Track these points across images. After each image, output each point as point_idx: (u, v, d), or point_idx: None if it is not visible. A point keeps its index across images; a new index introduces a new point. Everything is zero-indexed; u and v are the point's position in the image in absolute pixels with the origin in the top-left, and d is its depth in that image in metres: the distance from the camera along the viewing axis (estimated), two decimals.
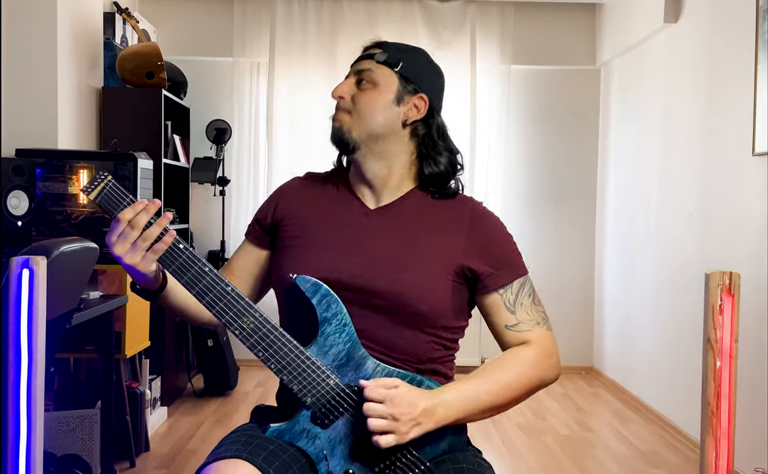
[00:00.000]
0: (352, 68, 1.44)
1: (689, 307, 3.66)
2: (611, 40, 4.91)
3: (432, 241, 1.38)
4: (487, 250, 1.39)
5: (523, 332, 1.38)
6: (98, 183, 1.25)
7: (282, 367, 1.27)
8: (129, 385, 3.31)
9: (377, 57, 1.40)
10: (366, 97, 1.39)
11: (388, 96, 1.38)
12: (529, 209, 5.27)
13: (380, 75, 1.39)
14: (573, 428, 3.98)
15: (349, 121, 1.39)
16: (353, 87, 1.41)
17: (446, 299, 1.36)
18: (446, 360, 1.42)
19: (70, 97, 3.72)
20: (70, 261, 2.20)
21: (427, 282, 1.35)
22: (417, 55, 1.44)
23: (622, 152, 4.84)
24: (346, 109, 1.40)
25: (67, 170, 3.23)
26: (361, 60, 1.43)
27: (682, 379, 3.79)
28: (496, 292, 1.38)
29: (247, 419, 1.48)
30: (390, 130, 1.39)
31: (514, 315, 1.38)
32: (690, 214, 3.75)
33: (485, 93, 5.15)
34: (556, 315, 5.19)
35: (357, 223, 1.41)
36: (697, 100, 3.71)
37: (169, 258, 1.26)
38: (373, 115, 1.38)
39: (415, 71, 1.41)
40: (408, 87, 1.40)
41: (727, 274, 1.36)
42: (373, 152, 1.40)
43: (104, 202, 1.25)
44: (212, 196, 5.05)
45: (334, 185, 1.47)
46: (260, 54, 5.12)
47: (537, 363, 1.36)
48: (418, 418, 1.24)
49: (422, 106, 1.40)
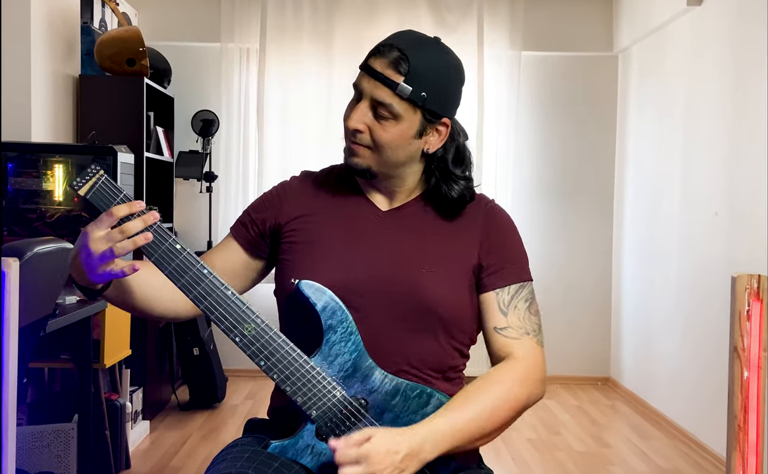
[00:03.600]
0: (364, 87, 1.36)
1: (714, 313, 3.66)
2: (630, 25, 4.91)
3: (448, 242, 1.41)
4: (496, 247, 1.42)
5: (510, 339, 1.38)
6: (89, 178, 1.25)
7: (285, 378, 1.28)
8: (108, 397, 3.31)
9: (400, 90, 1.33)
10: (387, 133, 1.36)
11: (410, 131, 1.37)
12: (541, 206, 5.27)
13: (402, 108, 1.34)
14: (588, 444, 3.98)
15: (368, 156, 1.39)
16: (370, 116, 1.36)
17: (466, 302, 1.39)
18: (459, 369, 1.44)
19: (45, 86, 3.72)
20: (45, 263, 2.20)
21: (448, 285, 1.37)
22: (442, 72, 1.37)
23: (642, 145, 4.84)
24: (365, 145, 1.38)
25: (41, 165, 3.22)
26: (377, 80, 1.34)
27: (706, 390, 3.79)
28: (493, 290, 1.40)
29: (237, 434, 1.48)
30: (410, 160, 1.41)
31: (506, 317, 1.39)
32: (715, 212, 3.75)
33: (493, 81, 5.14)
34: (570, 321, 5.22)
35: (368, 225, 1.43)
36: (723, 88, 3.71)
37: (165, 259, 1.26)
38: (395, 151, 1.38)
39: (441, 99, 1.37)
40: (432, 118, 1.38)
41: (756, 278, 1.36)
42: (389, 174, 1.42)
43: (96, 198, 1.25)
44: (198, 192, 5.05)
45: (338, 185, 1.48)
46: (250, 39, 5.11)
47: (522, 382, 1.35)
48: (401, 465, 1.23)
49: (444, 132, 1.41)
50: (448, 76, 1.39)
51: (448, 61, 1.39)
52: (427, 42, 1.38)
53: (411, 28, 1.44)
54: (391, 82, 1.33)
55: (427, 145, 1.40)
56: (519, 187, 5.19)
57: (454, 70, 1.40)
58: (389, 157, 1.38)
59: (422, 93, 1.34)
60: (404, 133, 1.36)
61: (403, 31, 1.41)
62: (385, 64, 1.34)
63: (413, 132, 1.37)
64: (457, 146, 1.43)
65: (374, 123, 1.36)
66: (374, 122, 1.36)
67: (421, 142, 1.39)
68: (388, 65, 1.34)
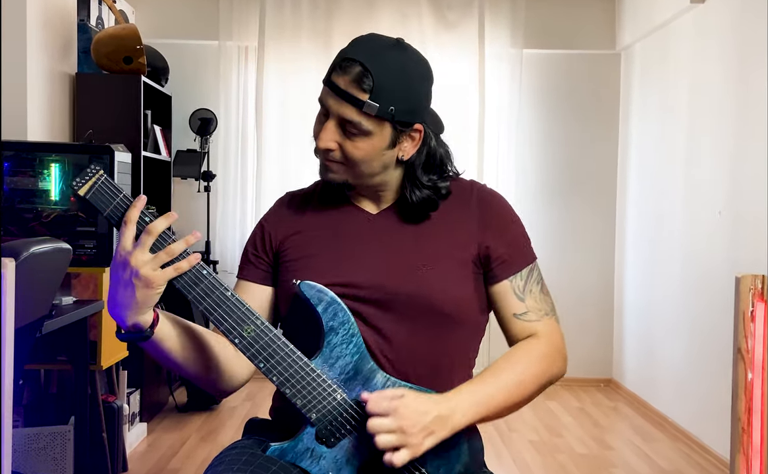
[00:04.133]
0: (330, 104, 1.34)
1: (718, 314, 3.66)
2: (633, 22, 4.91)
3: (444, 234, 1.41)
4: (499, 232, 1.42)
5: (531, 322, 1.41)
6: (89, 178, 1.25)
7: (285, 380, 1.28)
8: (105, 399, 3.31)
9: (367, 108, 1.31)
10: (358, 150, 1.35)
11: (381, 144, 1.36)
12: (542, 206, 5.27)
13: (371, 125, 1.33)
14: (590, 446, 3.98)
15: (343, 171, 1.39)
16: (338, 134, 1.35)
17: (469, 294, 1.40)
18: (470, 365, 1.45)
19: (41, 84, 3.72)
20: (41, 263, 2.20)
21: (448, 280, 1.37)
22: (408, 80, 1.35)
23: (645, 144, 4.84)
24: (338, 161, 1.37)
25: (37, 164, 3.22)
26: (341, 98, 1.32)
27: (710, 392, 3.79)
28: (507, 279, 1.41)
29: (235, 436, 1.49)
30: (386, 168, 1.40)
31: (524, 302, 1.41)
32: (719, 211, 3.75)
33: (495, 79, 5.14)
34: (572, 321, 5.21)
35: (361, 230, 1.43)
36: (727, 87, 3.70)
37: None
38: (368, 164, 1.37)
39: (410, 108, 1.35)
40: (402, 128, 1.37)
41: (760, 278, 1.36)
42: (368, 184, 1.42)
43: (96, 199, 1.25)
44: (196, 192, 5.05)
45: (325, 197, 1.49)
46: (249, 37, 5.12)
47: (547, 357, 1.40)
48: (430, 426, 1.25)
49: (417, 137, 1.40)
50: (414, 82, 1.37)
51: (412, 67, 1.36)
52: (389, 48, 1.35)
53: (372, 32, 1.41)
54: (357, 101, 1.31)
55: (402, 152, 1.39)
56: (521, 187, 5.19)
57: (420, 75, 1.38)
58: (363, 170, 1.38)
59: (390, 108, 1.32)
60: (376, 147, 1.36)
61: (364, 38, 1.38)
62: (347, 82, 1.32)
63: (385, 144, 1.36)
64: (428, 150, 1.41)
65: (344, 140, 1.35)
66: (344, 139, 1.35)
67: (394, 151, 1.38)
68: (350, 83, 1.31)
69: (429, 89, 1.41)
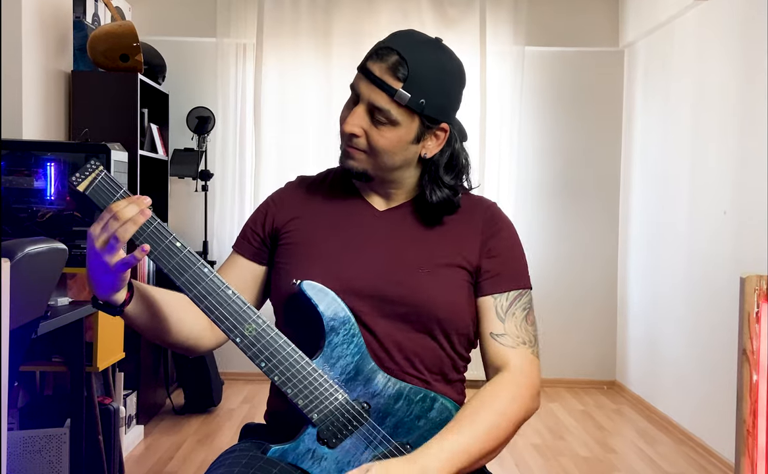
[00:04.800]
0: (362, 90, 1.36)
1: (723, 315, 3.66)
2: (636, 19, 4.91)
3: (447, 243, 1.42)
4: (496, 252, 1.43)
5: (505, 347, 1.39)
6: (89, 173, 1.25)
7: (287, 380, 1.28)
8: (101, 401, 3.31)
9: (398, 97, 1.33)
10: (383, 139, 1.36)
11: (407, 137, 1.37)
12: (544, 205, 5.27)
13: (400, 115, 1.34)
14: (593, 449, 3.98)
15: (364, 160, 1.39)
16: (366, 121, 1.36)
17: (464, 304, 1.40)
18: (460, 371, 1.46)
19: (36, 82, 3.72)
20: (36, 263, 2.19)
21: (445, 286, 1.38)
22: (442, 78, 1.37)
23: (648, 143, 4.84)
24: (361, 149, 1.38)
25: (32, 163, 3.22)
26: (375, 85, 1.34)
27: (714, 394, 3.79)
28: (491, 295, 1.41)
29: (233, 438, 1.49)
30: (407, 164, 1.41)
31: (503, 324, 1.40)
32: (724, 211, 3.75)
33: (496, 77, 5.14)
34: (575, 323, 5.22)
35: (365, 225, 1.44)
36: (732, 84, 3.70)
37: (165, 257, 1.27)
38: (391, 157, 1.38)
39: (440, 105, 1.37)
40: (430, 124, 1.38)
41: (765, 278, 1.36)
42: (385, 177, 1.43)
43: (95, 195, 1.25)
44: (194, 191, 5.05)
45: (335, 187, 1.49)
46: (247, 34, 5.11)
47: (519, 396, 1.36)
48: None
49: (442, 136, 1.41)
50: (448, 81, 1.38)
51: (448, 65, 1.39)
52: (427, 44, 1.38)
53: (412, 28, 1.44)
54: (389, 88, 1.33)
55: (425, 150, 1.40)
56: (522, 186, 5.19)
57: (454, 75, 1.40)
58: (385, 161, 1.38)
59: (421, 100, 1.34)
60: (401, 139, 1.36)
61: (404, 32, 1.40)
62: (383, 69, 1.34)
63: (411, 138, 1.37)
64: (452, 152, 1.42)
65: (371, 127, 1.36)
66: (371, 127, 1.36)
67: (418, 147, 1.39)
68: (386, 70, 1.34)
69: (460, 92, 1.42)
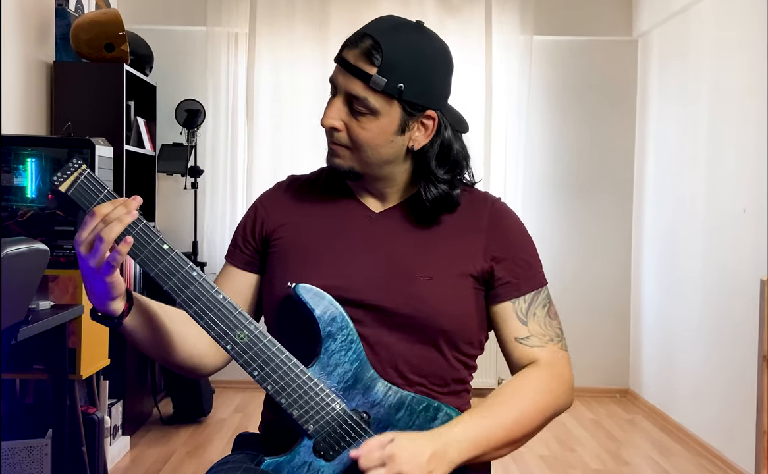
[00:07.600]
0: (339, 81, 1.36)
1: (742, 319, 3.66)
2: (650, 7, 4.92)
3: (449, 244, 1.41)
4: (508, 253, 1.42)
5: (533, 348, 1.40)
6: (71, 172, 1.25)
7: (280, 388, 1.28)
8: (85, 410, 3.31)
9: (373, 82, 1.32)
10: (365, 131, 1.35)
11: (390, 127, 1.36)
12: (554, 203, 5.27)
13: (378, 102, 1.33)
14: (605, 461, 3.98)
15: (349, 157, 1.38)
16: (345, 112, 1.36)
17: (470, 311, 1.40)
18: (465, 381, 1.45)
19: (16, 73, 3.72)
20: (16, 265, 2.20)
21: (449, 294, 1.37)
22: (422, 60, 1.35)
23: (663, 137, 4.84)
24: (343, 144, 1.37)
25: (12, 159, 3.22)
26: (349, 73, 1.34)
27: (733, 403, 3.79)
28: (509, 300, 1.41)
29: (224, 450, 1.50)
30: (395, 158, 1.40)
31: (526, 326, 1.41)
32: (743, 209, 3.75)
33: (503, 68, 5.15)
34: (586, 328, 5.22)
35: (361, 228, 1.43)
36: (751, 75, 3.71)
37: (151, 261, 1.26)
38: (375, 150, 1.37)
39: (422, 89, 1.35)
40: (413, 111, 1.36)
41: None
42: (375, 174, 1.42)
43: (78, 195, 1.25)
44: (182, 189, 5.05)
45: (327, 188, 1.48)
46: (239, 23, 5.12)
47: (551, 389, 1.38)
48: (428, 465, 1.25)
49: (431, 125, 1.39)
50: (428, 64, 1.36)
51: (428, 48, 1.37)
52: (404, 27, 1.36)
53: (392, 14, 1.42)
54: (363, 74, 1.32)
55: (413, 141, 1.38)
56: (530, 183, 5.19)
57: (436, 58, 1.38)
58: (370, 156, 1.37)
59: (399, 84, 1.32)
60: (384, 130, 1.35)
61: (381, 18, 1.39)
62: (357, 55, 1.33)
63: (394, 128, 1.36)
64: (442, 141, 1.39)
65: (351, 120, 1.35)
66: (351, 119, 1.35)
67: (404, 139, 1.38)
68: (360, 56, 1.33)
69: (445, 77, 1.40)
